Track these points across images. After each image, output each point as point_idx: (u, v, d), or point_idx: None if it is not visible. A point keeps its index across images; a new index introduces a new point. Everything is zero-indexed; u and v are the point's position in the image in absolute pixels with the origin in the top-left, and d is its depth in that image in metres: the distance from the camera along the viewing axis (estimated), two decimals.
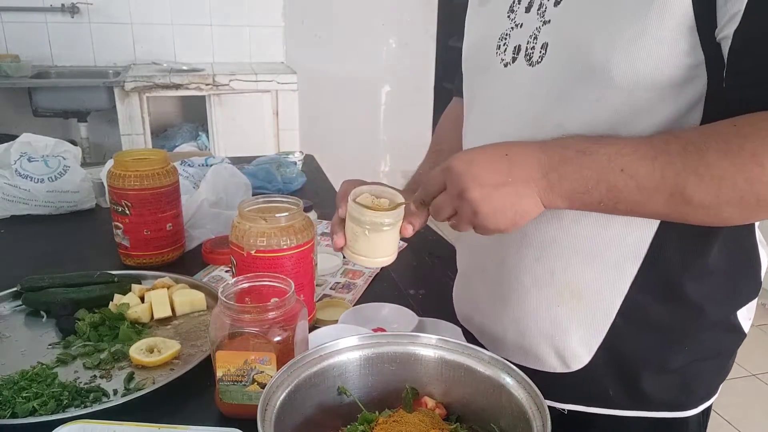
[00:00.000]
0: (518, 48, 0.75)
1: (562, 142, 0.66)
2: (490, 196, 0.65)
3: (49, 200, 1.51)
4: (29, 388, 0.82)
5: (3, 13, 3.33)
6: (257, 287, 0.82)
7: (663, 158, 0.60)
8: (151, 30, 3.57)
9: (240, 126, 3.30)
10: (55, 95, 3.18)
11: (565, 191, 0.64)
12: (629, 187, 0.61)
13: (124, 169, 1.18)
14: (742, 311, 0.80)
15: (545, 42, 0.71)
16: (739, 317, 0.79)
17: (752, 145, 0.57)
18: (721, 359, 0.81)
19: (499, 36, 0.78)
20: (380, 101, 4.31)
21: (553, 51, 0.70)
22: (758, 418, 2.42)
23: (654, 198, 0.61)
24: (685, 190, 0.60)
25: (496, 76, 0.78)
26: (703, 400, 0.81)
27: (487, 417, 0.71)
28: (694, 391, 0.80)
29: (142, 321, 1.02)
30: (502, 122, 0.77)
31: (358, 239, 0.79)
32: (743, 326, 0.81)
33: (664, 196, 0.61)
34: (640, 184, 0.61)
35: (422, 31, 4.21)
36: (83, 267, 1.17)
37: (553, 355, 0.79)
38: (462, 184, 0.66)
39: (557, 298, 0.76)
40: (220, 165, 1.54)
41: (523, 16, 0.75)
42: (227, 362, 0.76)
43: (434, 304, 1.09)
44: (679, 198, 0.60)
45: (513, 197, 0.65)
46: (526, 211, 0.66)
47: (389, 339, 0.76)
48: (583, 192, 0.63)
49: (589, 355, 0.78)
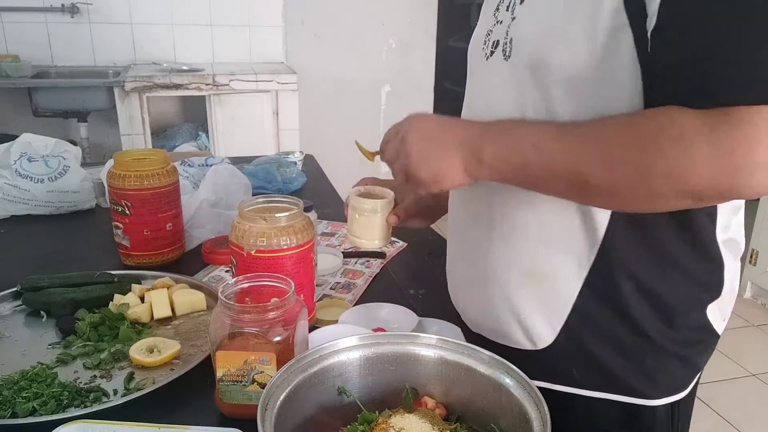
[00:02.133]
0: (496, 43, 0.81)
1: (496, 121, 0.74)
2: (423, 145, 0.76)
3: (49, 200, 1.51)
4: (29, 388, 0.82)
5: (3, 13, 3.33)
6: (257, 287, 0.82)
7: (569, 139, 0.67)
8: (151, 30, 3.57)
9: (240, 126, 3.30)
10: (55, 95, 3.18)
11: (486, 157, 0.71)
12: (537, 163, 0.68)
13: (124, 169, 1.18)
14: (713, 311, 0.80)
15: (512, 37, 0.77)
16: (709, 316, 0.80)
17: (644, 139, 0.62)
18: (687, 356, 0.82)
19: (486, 32, 0.84)
20: (380, 101, 4.31)
21: (515, 46, 0.76)
22: (758, 418, 2.42)
23: (556, 176, 0.68)
24: (583, 173, 0.65)
25: (481, 67, 0.85)
26: (669, 393, 0.82)
27: (487, 417, 0.71)
28: (658, 382, 0.81)
29: (142, 321, 1.02)
30: (482, 112, 0.83)
31: (353, 222, 1.00)
32: (714, 326, 0.82)
33: (565, 177, 0.67)
34: (545, 161, 0.67)
35: (422, 31, 4.21)
36: (83, 267, 1.17)
37: (520, 334, 0.83)
38: (407, 129, 0.78)
39: (522, 279, 0.81)
40: (220, 165, 1.54)
41: (503, 13, 0.81)
42: (227, 362, 0.76)
43: (434, 304, 1.09)
44: (577, 179, 0.66)
45: (440, 151, 0.74)
46: (448, 168, 0.74)
47: (389, 339, 0.76)
48: (500, 159, 0.71)
49: (553, 335, 0.81)
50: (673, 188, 0.61)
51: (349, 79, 4.12)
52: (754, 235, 3.18)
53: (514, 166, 0.70)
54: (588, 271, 0.77)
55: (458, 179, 0.74)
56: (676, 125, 0.60)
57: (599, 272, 0.76)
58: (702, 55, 0.60)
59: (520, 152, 0.69)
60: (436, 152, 0.75)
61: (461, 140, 0.73)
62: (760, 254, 3.18)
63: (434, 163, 0.75)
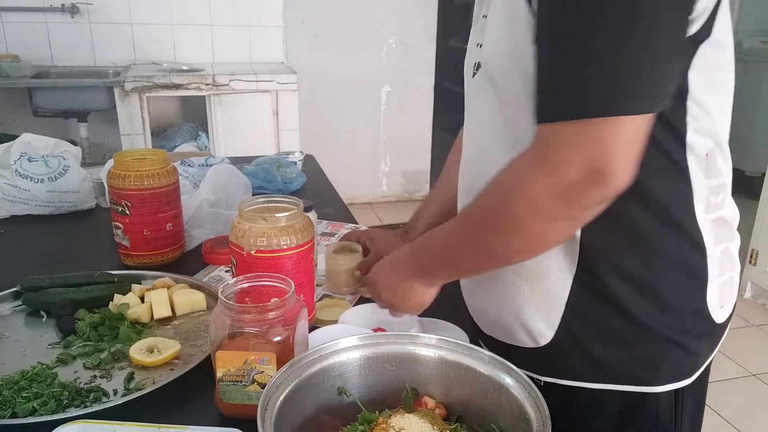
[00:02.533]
0: (477, 64, 0.85)
1: (416, 243, 0.90)
2: (394, 294, 0.92)
3: (49, 200, 1.51)
4: (29, 388, 0.82)
5: (3, 13, 3.33)
6: (257, 287, 0.82)
7: (453, 236, 0.82)
8: (151, 30, 3.57)
9: (240, 126, 3.30)
10: (55, 95, 3.18)
11: (432, 273, 0.87)
12: (449, 255, 0.84)
13: (124, 169, 1.18)
14: (712, 299, 0.81)
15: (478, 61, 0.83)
16: (707, 302, 0.81)
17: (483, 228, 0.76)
18: (686, 342, 0.82)
19: (471, 51, 0.88)
20: (380, 101, 4.31)
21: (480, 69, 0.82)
22: (758, 418, 2.42)
23: (466, 258, 0.81)
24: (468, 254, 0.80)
25: (468, 86, 0.89)
26: (671, 379, 0.83)
27: (487, 417, 0.71)
28: (659, 369, 0.82)
29: (142, 321, 1.02)
30: (472, 130, 0.89)
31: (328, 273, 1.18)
32: (711, 314, 0.82)
33: (470, 256, 0.80)
34: (455, 251, 0.82)
35: (422, 31, 4.21)
36: (83, 267, 1.17)
37: (523, 332, 0.85)
38: (377, 291, 0.95)
39: (520, 279, 0.83)
40: (220, 165, 1.54)
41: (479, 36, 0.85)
42: (227, 362, 0.76)
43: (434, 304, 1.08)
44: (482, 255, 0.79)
45: (407, 291, 0.90)
46: (421, 295, 0.90)
47: (389, 339, 0.76)
48: (439, 268, 0.86)
49: (552, 332, 0.82)
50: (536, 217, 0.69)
51: (349, 79, 4.12)
52: (754, 235, 3.18)
53: (446, 267, 0.86)
54: (576, 267, 0.78)
55: (431, 295, 0.91)
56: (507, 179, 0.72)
57: (585, 267, 0.78)
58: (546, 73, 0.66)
59: (442, 259, 0.85)
60: (405, 293, 0.91)
61: (410, 275, 0.89)
62: (760, 254, 3.18)
63: (410, 300, 0.91)
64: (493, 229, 0.74)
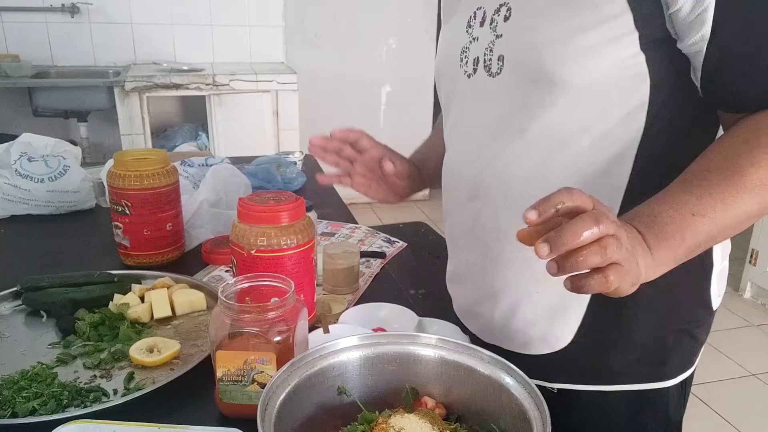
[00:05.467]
0: (477, 60, 0.81)
1: (630, 216, 0.66)
2: (633, 240, 0.62)
3: (49, 200, 1.51)
4: (29, 388, 0.82)
5: (3, 13, 3.33)
6: (257, 287, 0.82)
7: (715, 190, 0.65)
8: (151, 30, 3.57)
9: (240, 126, 3.30)
10: (55, 95, 3.18)
11: (663, 254, 0.64)
12: (706, 225, 0.65)
13: (124, 169, 1.18)
14: (713, 288, 0.84)
15: (501, 54, 0.76)
16: (711, 294, 0.84)
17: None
18: (693, 331, 0.85)
19: (461, 50, 0.84)
20: (380, 101, 4.31)
21: (509, 62, 0.76)
22: (758, 418, 2.42)
23: (726, 224, 0.65)
24: (745, 207, 0.65)
25: (462, 86, 0.85)
26: (680, 371, 0.85)
27: (487, 417, 0.71)
28: (671, 363, 0.83)
29: (142, 321, 1.02)
30: (471, 128, 0.84)
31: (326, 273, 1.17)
32: (712, 303, 0.85)
33: (733, 219, 0.65)
34: (713, 219, 0.64)
35: (422, 31, 4.21)
36: (83, 267, 1.17)
37: (537, 338, 0.83)
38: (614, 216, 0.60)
39: (536, 284, 0.81)
40: (220, 165, 1.54)
41: (479, 30, 0.81)
42: (227, 362, 0.76)
43: (434, 304, 1.09)
44: (743, 216, 0.65)
45: (637, 250, 0.62)
46: (641, 269, 0.62)
47: (389, 339, 0.76)
48: (676, 248, 0.64)
49: (571, 335, 0.82)
50: None
51: (349, 79, 4.12)
52: (754, 235, 3.18)
53: (690, 246, 0.65)
54: None
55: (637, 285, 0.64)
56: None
57: None
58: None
59: (689, 228, 0.64)
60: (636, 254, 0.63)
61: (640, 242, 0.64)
62: (760, 254, 3.18)
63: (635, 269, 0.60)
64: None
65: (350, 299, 1.14)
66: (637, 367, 0.83)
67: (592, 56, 0.68)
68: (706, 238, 0.65)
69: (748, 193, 0.64)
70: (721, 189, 0.65)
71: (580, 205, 0.56)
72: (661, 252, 0.63)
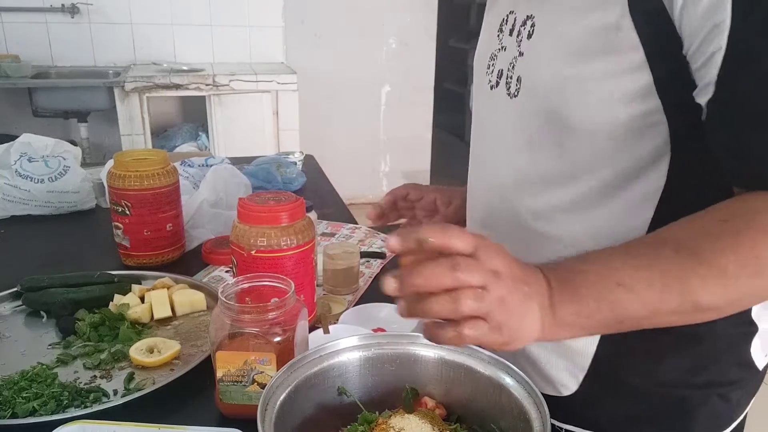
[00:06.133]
0: (501, 73, 0.76)
1: (552, 266, 0.59)
2: (516, 292, 0.53)
3: (49, 200, 1.51)
4: (29, 388, 0.82)
5: (3, 13, 3.33)
6: (257, 287, 0.82)
7: (658, 265, 0.55)
8: (151, 30, 3.57)
9: (240, 126, 3.30)
10: (55, 95, 3.18)
11: (568, 316, 0.56)
12: (631, 302, 0.55)
13: (124, 169, 1.18)
14: (756, 347, 0.74)
15: (519, 75, 0.72)
16: (752, 353, 0.74)
17: (745, 239, 0.54)
18: (727, 394, 0.77)
19: (490, 55, 0.79)
20: (380, 101, 4.31)
21: (524, 88, 0.71)
22: (758, 418, 2.41)
23: (660, 309, 0.56)
24: (692, 296, 0.55)
25: (484, 97, 0.81)
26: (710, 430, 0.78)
27: (487, 417, 0.71)
28: (694, 424, 0.76)
29: (142, 321, 1.02)
30: (488, 147, 0.80)
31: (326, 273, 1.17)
32: (756, 363, 0.76)
33: (671, 305, 0.55)
34: (642, 297, 0.55)
35: (422, 31, 4.21)
36: (83, 267, 1.17)
37: (542, 382, 0.79)
38: (499, 263, 0.53)
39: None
40: (220, 165, 1.54)
41: (507, 38, 0.76)
42: (227, 362, 0.76)
43: None
44: (689, 304, 0.55)
45: (524, 304, 0.54)
46: (527, 327, 0.54)
47: (389, 339, 0.76)
48: (586, 316, 0.56)
49: (576, 384, 0.77)
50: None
51: (349, 79, 4.12)
52: None
53: (604, 318, 0.56)
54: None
55: (529, 340, 0.56)
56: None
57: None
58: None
59: (607, 299, 0.55)
60: (522, 306, 0.54)
61: (539, 292, 0.56)
62: None
63: (517, 319, 0.54)
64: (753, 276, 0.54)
65: (350, 299, 1.14)
66: (654, 423, 0.76)
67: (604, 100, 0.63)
68: (629, 317, 0.55)
69: (700, 280, 0.54)
70: (667, 266, 0.55)
71: (450, 246, 0.51)
72: (566, 313, 0.55)
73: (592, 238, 0.69)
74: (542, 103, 0.69)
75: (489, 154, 0.80)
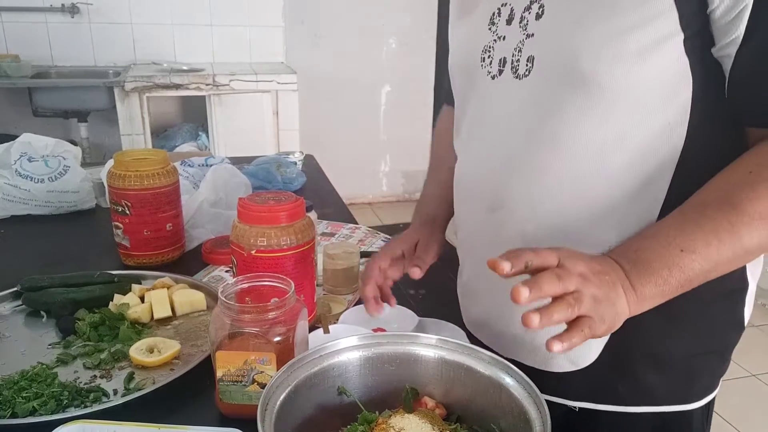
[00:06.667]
0: (503, 61, 0.76)
1: (618, 251, 0.67)
2: (603, 285, 0.62)
3: (49, 200, 1.51)
4: (29, 388, 0.82)
5: (3, 13, 3.33)
6: (257, 287, 0.82)
7: (708, 225, 0.63)
8: (151, 30, 3.57)
9: (240, 126, 3.30)
10: (55, 95, 3.18)
11: (648, 289, 0.63)
12: (696, 261, 0.63)
13: (124, 169, 1.18)
14: (747, 308, 0.81)
15: (531, 55, 0.73)
16: (745, 312, 0.81)
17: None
18: (722, 352, 0.82)
19: (483, 48, 0.80)
20: (380, 101, 4.31)
21: (540, 64, 0.72)
22: (758, 418, 2.42)
23: (720, 260, 0.64)
24: (742, 242, 0.62)
25: (485, 88, 0.80)
26: (705, 393, 0.82)
27: (487, 417, 0.71)
28: (697, 384, 0.81)
29: (142, 321, 1.02)
30: (495, 133, 0.79)
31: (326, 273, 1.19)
32: (745, 320, 0.82)
33: (728, 255, 0.63)
34: (703, 255, 0.63)
35: (422, 31, 4.21)
36: (83, 267, 1.17)
37: (561, 355, 0.80)
38: (582, 266, 0.62)
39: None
40: (220, 165, 1.54)
41: (505, 28, 0.76)
42: (227, 362, 0.76)
43: (434, 304, 1.09)
44: (740, 250, 0.63)
45: (612, 292, 0.62)
46: (620, 310, 0.63)
47: (389, 339, 0.76)
48: (662, 284, 0.63)
49: (596, 353, 0.79)
50: None
51: (349, 79, 4.12)
52: None
53: (678, 282, 0.63)
54: None
55: (623, 319, 0.64)
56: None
57: None
58: None
59: (677, 265, 0.63)
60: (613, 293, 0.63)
61: (618, 279, 0.64)
62: None
63: (612, 307, 0.62)
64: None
65: (350, 299, 1.14)
66: (663, 388, 0.79)
67: (634, 59, 0.64)
68: (697, 274, 0.63)
69: (746, 227, 0.62)
70: (715, 223, 0.62)
71: (545, 263, 0.61)
72: (646, 289, 0.63)
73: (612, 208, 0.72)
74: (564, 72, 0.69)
75: (494, 141, 0.80)
